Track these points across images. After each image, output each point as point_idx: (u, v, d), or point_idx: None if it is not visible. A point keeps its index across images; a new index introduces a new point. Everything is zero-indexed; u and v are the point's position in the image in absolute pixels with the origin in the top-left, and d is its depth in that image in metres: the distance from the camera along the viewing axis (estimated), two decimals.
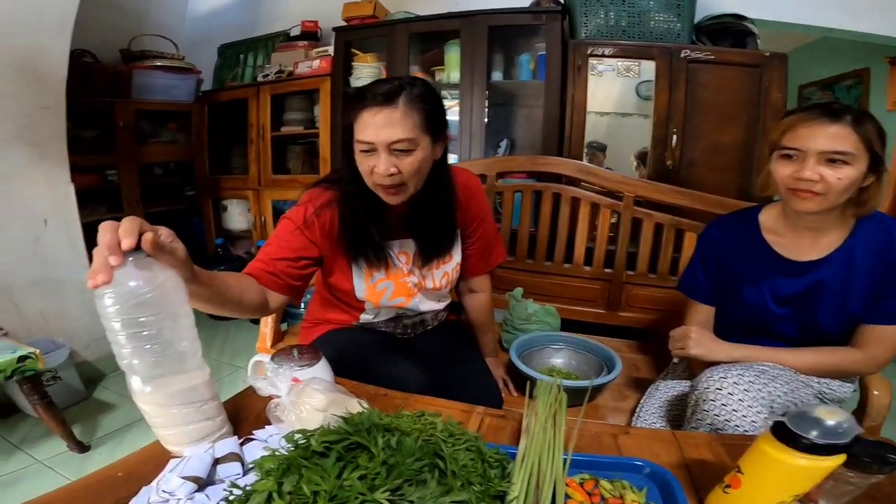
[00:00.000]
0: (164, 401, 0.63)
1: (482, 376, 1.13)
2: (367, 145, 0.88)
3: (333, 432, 0.54)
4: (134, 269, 0.55)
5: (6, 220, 1.84)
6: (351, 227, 0.99)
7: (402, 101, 0.87)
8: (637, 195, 1.57)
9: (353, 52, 2.35)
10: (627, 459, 0.67)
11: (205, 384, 0.66)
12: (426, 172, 0.95)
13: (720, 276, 1.09)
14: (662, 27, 1.84)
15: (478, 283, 1.25)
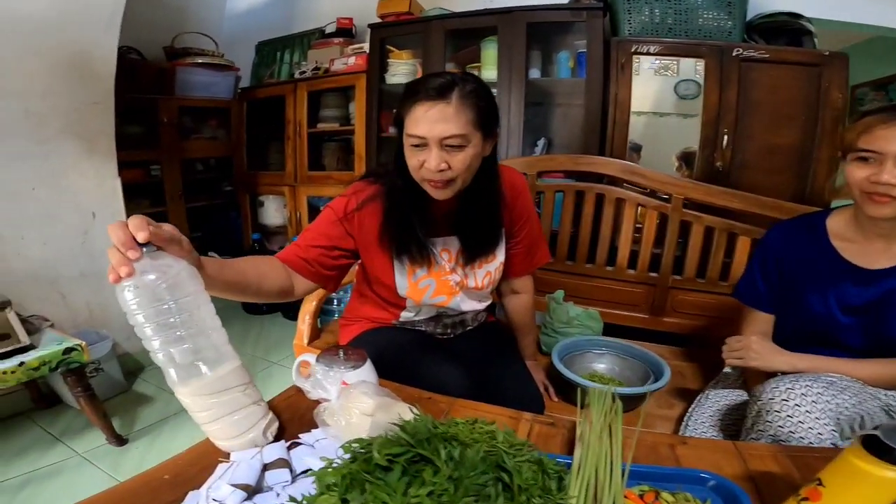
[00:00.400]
0: (204, 389, 0.62)
1: (524, 380, 1.09)
2: (418, 139, 0.87)
3: (395, 443, 0.51)
4: (149, 261, 0.56)
5: (57, 213, 1.90)
6: (395, 222, 0.98)
7: (456, 97, 0.85)
8: (686, 197, 1.49)
9: (388, 49, 2.33)
10: (690, 471, 0.63)
11: (241, 368, 0.66)
12: (475, 169, 0.93)
13: (781, 284, 1.03)
14: (712, 25, 1.78)
15: (521, 283, 1.21)
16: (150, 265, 0.56)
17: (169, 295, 0.57)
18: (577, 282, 1.62)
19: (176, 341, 0.59)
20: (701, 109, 1.76)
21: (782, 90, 1.70)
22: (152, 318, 0.57)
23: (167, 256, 0.59)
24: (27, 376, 1.39)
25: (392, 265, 1.03)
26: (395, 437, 0.53)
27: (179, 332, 0.58)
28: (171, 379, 0.61)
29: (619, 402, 0.72)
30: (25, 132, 1.80)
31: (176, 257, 0.60)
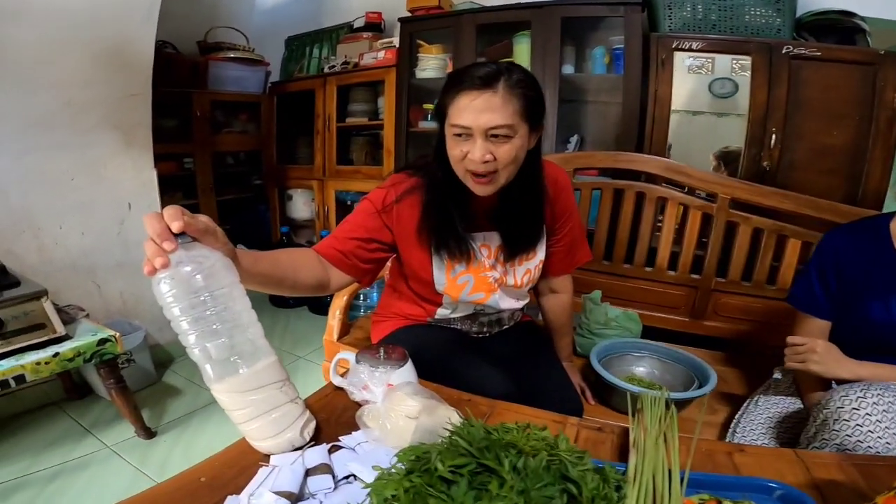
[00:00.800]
0: (241, 385, 0.59)
1: (563, 382, 1.05)
2: (462, 129, 0.83)
3: (456, 453, 0.48)
4: (184, 252, 0.55)
5: (95, 203, 1.92)
6: (434, 215, 0.94)
7: (503, 86, 0.81)
8: (733, 197, 1.42)
9: (418, 44, 2.30)
10: (755, 479, 0.59)
11: (277, 364, 0.64)
12: (520, 162, 0.89)
13: (840, 290, 0.98)
14: (759, 22, 1.72)
15: (560, 283, 1.17)
16: (185, 256, 0.54)
17: (205, 287, 0.55)
18: (613, 282, 1.56)
19: (212, 335, 0.56)
20: (742, 108, 1.69)
21: (835, 89, 1.61)
22: (188, 310, 0.55)
23: (202, 247, 0.57)
24: (61, 367, 1.39)
25: (430, 260, 1.00)
26: (455, 445, 0.49)
27: (215, 325, 0.56)
28: (208, 376, 0.59)
29: (673, 408, 0.68)
30: (66, 123, 1.81)
31: (211, 248, 0.58)
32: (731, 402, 1.15)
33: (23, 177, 1.74)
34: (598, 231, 1.58)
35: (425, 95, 2.37)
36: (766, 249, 1.41)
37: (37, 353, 1.34)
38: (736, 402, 1.13)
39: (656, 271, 1.52)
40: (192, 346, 0.57)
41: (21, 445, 1.58)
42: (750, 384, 1.24)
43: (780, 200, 1.40)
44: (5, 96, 1.66)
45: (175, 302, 0.54)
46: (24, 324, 1.34)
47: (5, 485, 1.39)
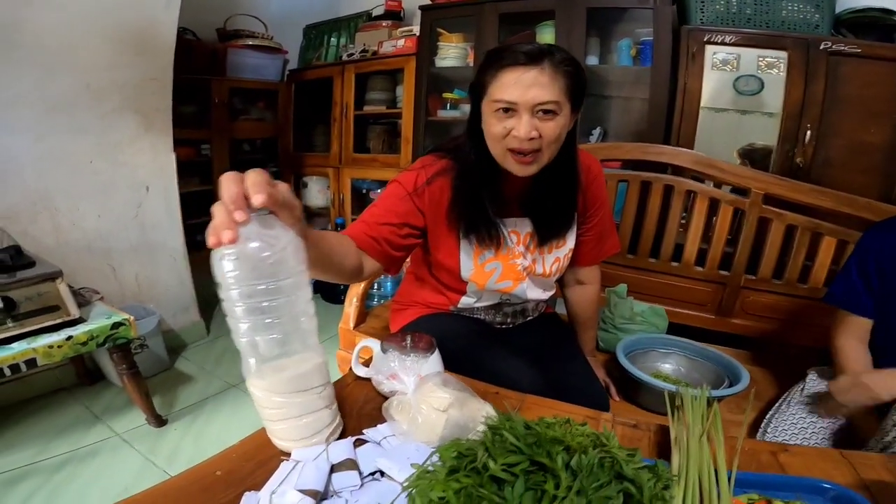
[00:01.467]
0: (282, 387, 0.53)
1: (589, 377, 1.00)
2: (508, 104, 0.78)
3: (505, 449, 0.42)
4: (258, 227, 0.46)
5: (113, 186, 1.88)
6: (465, 198, 0.89)
7: (549, 63, 0.78)
8: (767, 192, 1.35)
9: (438, 32, 2.23)
10: (806, 479, 0.56)
11: (323, 366, 0.57)
12: (562, 142, 0.84)
13: (882, 289, 0.93)
14: (797, 17, 1.66)
15: (588, 273, 1.12)
16: (257, 233, 0.46)
17: (271, 274, 0.48)
18: (637, 277, 1.49)
19: (265, 329, 0.50)
20: (769, 106, 1.63)
21: (874, 86, 1.53)
22: (247, 297, 0.48)
23: (277, 224, 0.49)
24: (74, 351, 1.34)
25: (458, 245, 0.95)
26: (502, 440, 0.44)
27: (272, 318, 0.49)
28: (248, 369, 0.53)
29: (716, 406, 0.63)
30: (87, 106, 1.78)
31: (286, 227, 0.49)
32: (759, 402, 1.10)
33: (41, 158, 1.71)
34: (624, 224, 1.51)
35: (445, 84, 2.31)
36: (799, 247, 1.34)
37: (50, 335, 1.29)
38: (764, 401, 1.08)
39: (683, 266, 1.46)
40: (241, 335, 0.50)
41: (31, 432, 1.55)
42: (778, 384, 1.19)
43: (816, 197, 1.33)
44: (27, 79, 1.63)
45: (235, 284, 0.47)
46: (38, 305, 1.30)
47: (13, 472, 1.35)
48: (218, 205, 0.44)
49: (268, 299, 0.48)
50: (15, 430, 1.55)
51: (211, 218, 0.44)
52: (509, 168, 0.84)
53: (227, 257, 0.46)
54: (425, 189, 0.89)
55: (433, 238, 0.95)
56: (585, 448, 0.47)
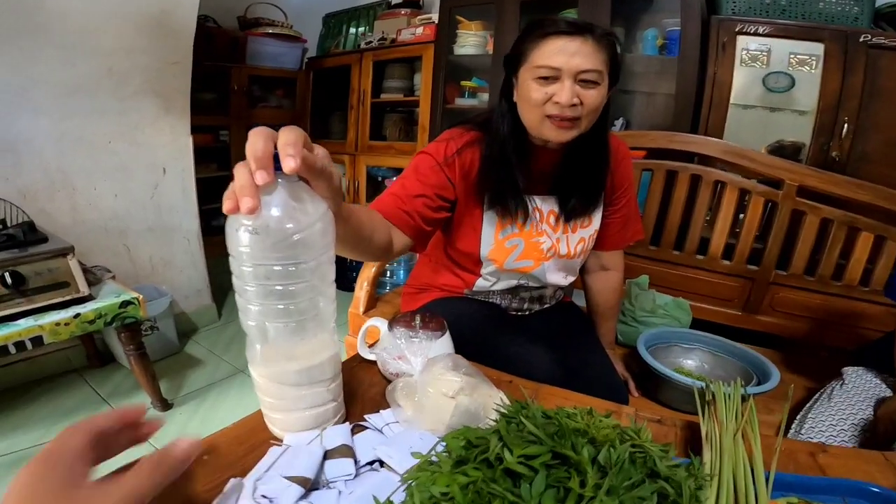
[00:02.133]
0: (289, 378, 0.47)
1: (607, 369, 0.94)
2: (550, 71, 0.77)
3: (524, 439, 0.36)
4: (284, 196, 0.38)
5: (130, 167, 1.87)
6: (495, 169, 0.86)
7: (591, 36, 0.77)
8: (802, 184, 1.25)
9: (457, 20, 2.16)
10: (851, 482, 0.50)
11: (336, 357, 0.50)
12: (598, 114, 0.82)
13: None
14: (835, 9, 1.57)
15: (612, 259, 1.06)
16: (283, 204, 0.38)
17: (293, 255, 0.40)
18: (660, 269, 1.41)
19: (278, 315, 0.43)
20: (799, 104, 1.55)
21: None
22: (261, 277, 0.40)
23: (308, 194, 0.41)
24: (81, 329, 1.31)
25: (481, 220, 0.90)
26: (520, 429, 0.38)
27: (286, 303, 0.42)
28: (254, 355, 0.46)
29: (752, 403, 0.57)
30: (108, 88, 1.78)
31: (318, 199, 0.41)
32: (787, 402, 1.01)
33: (61, 138, 1.70)
34: (647, 214, 1.42)
35: (463, 72, 2.24)
36: (834, 242, 1.24)
37: (57, 312, 1.27)
38: (796, 401, 1.00)
39: (708, 260, 1.37)
40: (250, 318, 0.44)
41: (38, 413, 1.53)
42: (807, 387, 1.10)
43: (853, 190, 1.23)
44: (49, 62, 1.62)
45: (249, 261, 0.40)
46: (47, 281, 1.27)
47: (18, 454, 1.34)
48: (241, 165, 0.37)
49: (285, 283, 0.41)
50: (23, 412, 1.54)
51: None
52: (545, 134, 0.81)
53: (243, 228, 0.38)
54: (455, 159, 0.85)
55: (458, 211, 0.91)
56: (613, 441, 0.40)
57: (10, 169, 1.63)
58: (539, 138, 0.84)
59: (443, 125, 2.23)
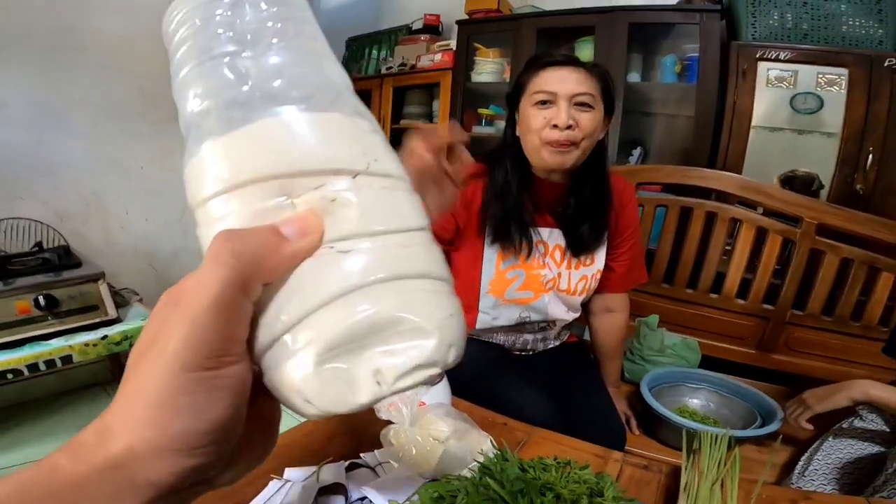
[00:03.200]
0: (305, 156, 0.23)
1: (608, 411, 0.97)
2: (547, 95, 0.87)
3: (486, 495, 0.41)
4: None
5: (160, 191, 2.00)
6: (499, 199, 0.93)
7: (584, 66, 0.89)
8: (821, 223, 1.26)
9: (475, 47, 2.25)
10: None
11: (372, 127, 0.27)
12: (595, 141, 0.91)
13: None
14: (858, 33, 1.57)
15: (616, 301, 1.09)
16: None
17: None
18: (672, 307, 1.43)
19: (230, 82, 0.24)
20: (828, 125, 1.54)
21: None
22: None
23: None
24: (108, 350, 1.42)
25: (482, 249, 0.96)
26: (480, 484, 0.42)
27: (248, 53, 0.24)
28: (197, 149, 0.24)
29: (737, 451, 0.59)
30: (140, 112, 1.91)
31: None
32: (793, 443, 1.04)
33: (97, 161, 1.84)
34: (660, 251, 1.45)
35: (480, 100, 2.32)
36: (853, 282, 1.24)
37: (87, 334, 1.38)
38: (800, 443, 1.01)
39: (722, 298, 1.38)
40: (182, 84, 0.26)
41: (63, 424, 1.64)
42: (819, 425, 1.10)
43: (875, 228, 1.23)
44: (86, 83, 1.76)
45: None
46: (79, 304, 1.39)
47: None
48: None
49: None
50: (50, 420, 1.66)
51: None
52: (546, 159, 0.88)
53: None
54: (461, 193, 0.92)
55: (459, 241, 0.97)
56: (578, 497, 0.44)
57: (49, 192, 1.77)
58: (542, 169, 0.91)
59: None
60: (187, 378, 0.18)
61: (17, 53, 1.62)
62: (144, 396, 0.18)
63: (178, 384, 0.18)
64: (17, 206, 1.71)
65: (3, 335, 1.25)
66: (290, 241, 0.21)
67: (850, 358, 1.25)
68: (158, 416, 0.18)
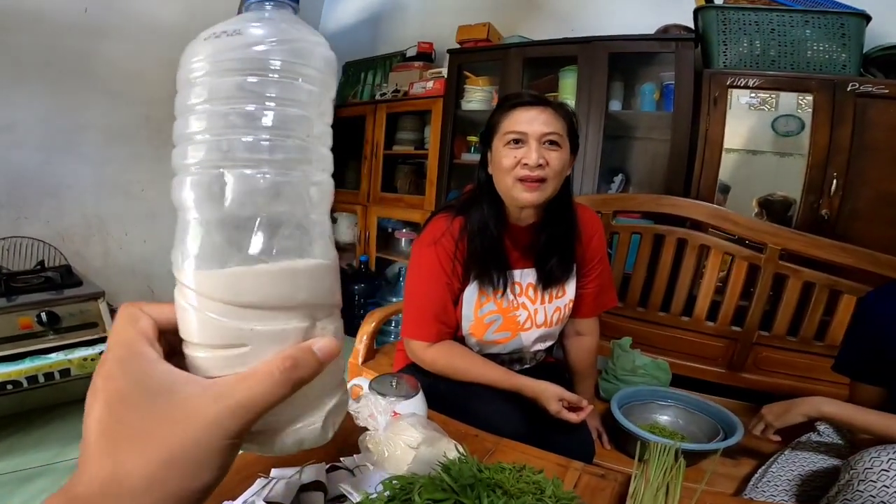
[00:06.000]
0: (259, 296, 0.26)
1: (576, 425, 1.02)
2: (518, 135, 0.94)
3: (436, 487, 0.49)
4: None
5: (159, 214, 2.11)
6: (479, 241, 1.00)
7: (550, 106, 0.97)
8: (784, 248, 1.36)
9: (465, 75, 2.36)
10: None
11: (335, 272, 0.30)
12: (563, 178, 0.98)
13: (880, 356, 0.94)
14: (822, 58, 1.62)
15: (586, 325, 1.18)
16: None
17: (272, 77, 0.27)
18: (647, 329, 1.52)
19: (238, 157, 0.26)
20: (805, 148, 1.59)
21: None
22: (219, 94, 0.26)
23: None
24: None
25: (461, 296, 1.04)
26: (438, 479, 0.51)
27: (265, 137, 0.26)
28: (186, 253, 0.27)
29: (682, 460, 0.68)
30: (145, 137, 2.03)
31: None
32: (758, 457, 1.11)
33: (100, 185, 1.95)
34: (635, 276, 1.54)
35: (470, 127, 2.42)
36: (816, 305, 1.33)
37: (86, 349, 1.47)
38: (763, 456, 1.09)
39: (694, 321, 1.47)
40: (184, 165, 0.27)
41: (55, 434, 1.70)
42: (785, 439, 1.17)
43: (836, 253, 1.32)
44: (96, 108, 1.87)
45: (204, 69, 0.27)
46: (79, 321, 1.48)
47: (29, 471, 1.49)
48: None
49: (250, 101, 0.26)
50: (41, 432, 1.71)
51: None
52: (517, 197, 0.95)
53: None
54: (455, 251, 1.01)
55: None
56: (522, 494, 0.53)
57: (53, 212, 1.87)
58: (515, 206, 0.99)
59: (450, 180, 2.38)
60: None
61: (31, 76, 1.73)
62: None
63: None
64: (21, 225, 1.81)
65: (5, 349, 1.34)
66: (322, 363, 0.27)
67: (814, 376, 1.33)
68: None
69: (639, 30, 1.95)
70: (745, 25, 1.66)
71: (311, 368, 0.26)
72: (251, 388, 0.24)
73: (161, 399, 0.24)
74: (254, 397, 0.24)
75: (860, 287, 1.29)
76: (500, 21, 2.43)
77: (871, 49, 1.63)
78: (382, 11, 3.07)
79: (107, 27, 1.78)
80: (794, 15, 1.60)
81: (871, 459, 0.77)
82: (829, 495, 0.83)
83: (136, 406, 0.24)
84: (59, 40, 1.72)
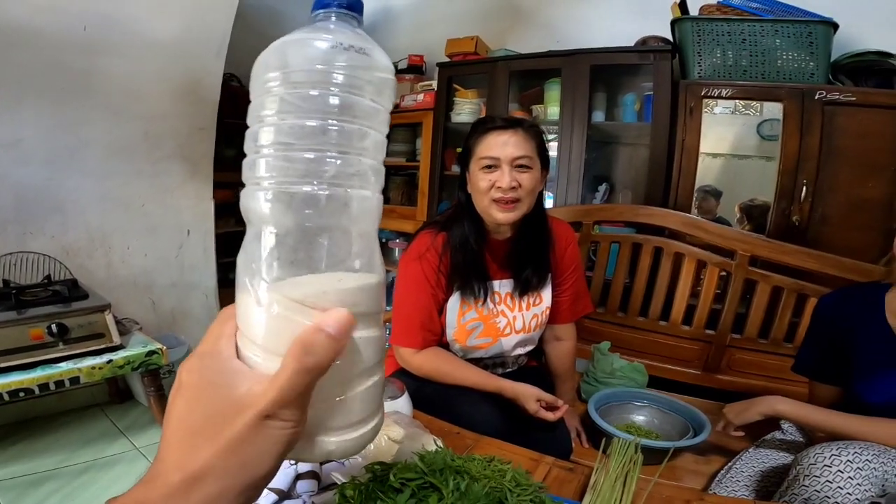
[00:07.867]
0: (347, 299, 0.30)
1: (553, 424, 1.11)
2: (491, 160, 1.02)
3: (411, 470, 0.58)
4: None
5: (159, 228, 2.18)
6: (462, 254, 1.08)
7: (521, 128, 1.05)
8: (754, 254, 1.45)
9: (454, 88, 2.43)
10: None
11: (381, 288, 0.34)
12: (535, 196, 1.06)
13: (836, 357, 1.00)
14: (792, 66, 1.68)
15: (564, 330, 1.27)
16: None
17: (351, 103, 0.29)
18: (627, 334, 1.61)
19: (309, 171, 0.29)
20: (779, 156, 1.65)
21: (871, 136, 1.55)
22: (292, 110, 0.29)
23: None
24: (112, 373, 1.59)
25: (446, 304, 1.12)
26: (413, 465, 0.59)
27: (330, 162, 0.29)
28: (259, 269, 0.30)
29: (640, 454, 0.75)
30: (143, 152, 2.09)
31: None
32: (727, 454, 1.17)
33: (103, 199, 2.02)
34: (615, 283, 1.63)
35: (459, 139, 2.45)
36: (784, 308, 1.42)
37: (93, 358, 1.55)
38: (732, 454, 1.14)
39: (670, 325, 1.56)
40: (257, 187, 0.31)
41: (62, 441, 1.80)
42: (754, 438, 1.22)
43: (803, 259, 1.41)
44: (97, 124, 1.93)
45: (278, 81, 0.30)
46: (87, 332, 1.57)
47: (38, 475, 1.59)
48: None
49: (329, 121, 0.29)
50: (49, 438, 1.81)
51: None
52: (494, 216, 1.04)
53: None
54: (440, 264, 1.10)
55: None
56: (484, 478, 0.61)
57: (58, 227, 1.95)
58: (491, 224, 1.09)
59: (441, 191, 2.47)
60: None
61: (35, 93, 1.78)
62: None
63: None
64: (27, 240, 1.88)
65: (18, 358, 1.43)
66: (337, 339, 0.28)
67: (784, 376, 1.39)
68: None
69: (622, 40, 2.01)
70: (718, 36, 1.72)
71: (325, 347, 0.26)
72: (278, 382, 0.26)
73: (223, 392, 0.26)
74: (282, 390, 0.25)
75: (825, 290, 1.35)
76: (488, 33, 2.51)
77: (840, 56, 1.68)
78: (374, 23, 3.15)
79: (106, 44, 1.81)
80: (765, 24, 1.66)
81: (815, 455, 0.83)
82: (781, 489, 0.89)
83: (204, 399, 0.26)
84: (61, 58, 1.77)
